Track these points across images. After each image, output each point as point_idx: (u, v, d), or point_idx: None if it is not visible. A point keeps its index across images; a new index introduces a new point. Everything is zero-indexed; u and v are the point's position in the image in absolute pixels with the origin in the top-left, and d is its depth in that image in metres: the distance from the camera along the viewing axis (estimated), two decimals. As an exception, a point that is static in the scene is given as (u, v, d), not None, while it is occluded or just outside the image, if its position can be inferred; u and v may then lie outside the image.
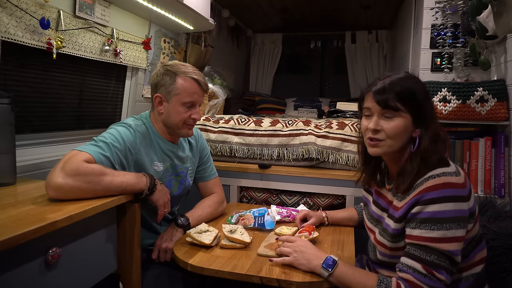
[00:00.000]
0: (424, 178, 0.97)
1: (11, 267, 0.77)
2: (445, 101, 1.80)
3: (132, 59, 1.97)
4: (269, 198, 1.99)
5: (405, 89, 1.02)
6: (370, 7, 3.36)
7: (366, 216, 1.25)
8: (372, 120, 1.05)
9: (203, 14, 2.11)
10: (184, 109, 1.35)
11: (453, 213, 0.92)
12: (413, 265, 0.94)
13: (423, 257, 0.93)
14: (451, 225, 0.92)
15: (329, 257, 1.04)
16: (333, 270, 1.01)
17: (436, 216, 0.92)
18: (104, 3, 1.69)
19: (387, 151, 1.05)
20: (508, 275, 1.19)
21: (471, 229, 0.99)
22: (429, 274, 0.91)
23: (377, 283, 0.96)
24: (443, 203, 0.92)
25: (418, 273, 0.93)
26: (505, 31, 1.51)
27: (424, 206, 0.94)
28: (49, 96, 1.65)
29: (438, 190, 0.93)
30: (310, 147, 1.93)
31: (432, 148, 1.00)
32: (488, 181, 1.75)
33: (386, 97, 1.02)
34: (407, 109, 1.01)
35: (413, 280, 0.93)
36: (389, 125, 1.02)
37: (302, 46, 4.64)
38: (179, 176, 1.48)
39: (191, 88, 1.35)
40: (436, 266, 0.91)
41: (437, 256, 0.92)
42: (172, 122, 1.36)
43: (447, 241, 0.92)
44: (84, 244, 0.98)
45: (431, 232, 0.93)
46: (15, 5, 1.27)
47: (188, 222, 1.39)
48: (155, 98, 1.37)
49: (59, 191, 1.00)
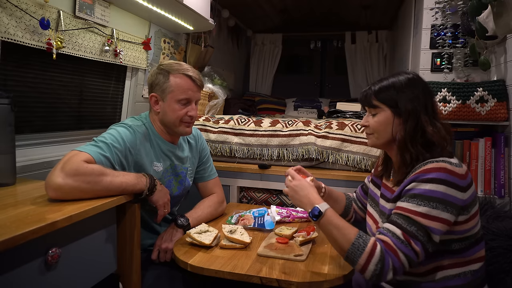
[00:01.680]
0: (423, 162, 1.02)
1: (11, 267, 0.77)
2: (445, 101, 1.80)
3: (132, 59, 1.97)
4: (269, 198, 1.99)
5: (382, 86, 1.13)
6: (370, 7, 3.37)
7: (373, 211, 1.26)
8: (364, 117, 1.20)
9: (203, 14, 2.11)
10: (180, 107, 1.35)
11: (443, 195, 0.96)
12: (393, 230, 0.98)
13: (404, 226, 0.97)
14: (438, 205, 0.96)
15: (316, 207, 1.06)
16: (319, 220, 1.05)
17: (426, 194, 0.97)
18: (104, 3, 1.69)
19: (377, 143, 1.17)
20: (507, 276, 1.19)
21: (465, 223, 1.01)
22: (406, 241, 0.95)
23: (356, 237, 0.99)
24: (436, 184, 0.97)
25: (396, 238, 0.96)
26: (505, 31, 1.51)
27: (418, 183, 0.99)
28: (49, 96, 1.65)
29: (435, 172, 0.98)
30: (310, 147, 1.93)
31: (410, 139, 1.07)
32: (488, 181, 1.75)
33: (367, 99, 1.15)
34: (385, 103, 1.12)
35: (390, 243, 0.96)
36: (373, 120, 1.15)
37: (302, 46, 4.64)
38: (178, 177, 1.48)
39: (185, 84, 1.35)
40: (414, 236, 0.95)
41: (417, 229, 0.96)
42: (169, 121, 1.36)
43: (430, 218, 0.95)
44: (84, 244, 0.98)
45: (417, 206, 0.97)
46: (15, 5, 1.27)
47: (188, 223, 1.39)
48: (151, 98, 1.38)
49: (59, 191, 1.00)
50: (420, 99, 1.09)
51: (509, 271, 1.20)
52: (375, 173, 1.31)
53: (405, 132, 1.08)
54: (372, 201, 1.29)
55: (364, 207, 1.40)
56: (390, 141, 1.13)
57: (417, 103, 1.09)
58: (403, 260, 0.94)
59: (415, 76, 1.14)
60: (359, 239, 0.98)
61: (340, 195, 1.46)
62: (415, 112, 1.08)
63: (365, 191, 1.40)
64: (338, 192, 1.46)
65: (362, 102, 1.20)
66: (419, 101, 1.09)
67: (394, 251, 0.95)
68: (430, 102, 1.11)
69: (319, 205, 1.06)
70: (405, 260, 0.94)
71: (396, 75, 1.14)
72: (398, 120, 1.10)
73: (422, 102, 1.09)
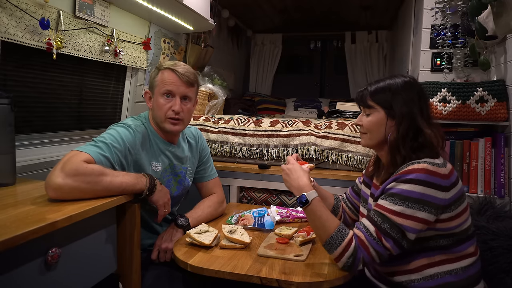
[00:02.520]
0: (407, 164, 1.05)
1: (11, 267, 0.77)
2: (445, 101, 1.80)
3: (132, 59, 1.97)
4: (269, 198, 1.99)
5: (378, 87, 1.15)
6: (370, 8, 3.36)
7: (364, 210, 1.28)
8: (358, 117, 1.22)
9: (203, 14, 2.11)
10: (163, 101, 1.35)
11: (420, 195, 0.99)
12: (368, 226, 1.04)
13: (379, 223, 1.02)
14: (414, 205, 0.99)
15: (303, 195, 1.11)
16: (304, 207, 1.11)
17: (403, 193, 1.01)
18: (104, 3, 1.69)
19: (369, 143, 1.19)
20: (507, 276, 1.19)
21: (449, 220, 1.03)
22: (378, 238, 1.01)
23: (336, 229, 1.05)
24: (414, 185, 1.00)
25: (369, 235, 1.03)
26: (505, 31, 1.51)
27: (397, 183, 1.03)
28: (49, 96, 1.65)
29: (415, 173, 1.01)
30: (310, 147, 1.93)
31: (402, 141, 1.08)
32: (488, 182, 1.75)
33: (363, 99, 1.18)
34: (379, 104, 1.14)
35: (363, 239, 1.03)
36: (366, 120, 1.17)
37: (302, 46, 4.64)
38: (178, 176, 1.48)
39: (167, 77, 1.36)
40: (386, 234, 1.01)
41: (390, 226, 1.01)
42: (157, 116, 1.38)
43: (404, 217, 1.00)
44: (84, 244, 0.98)
45: (393, 205, 1.01)
46: (15, 5, 1.27)
47: (188, 223, 1.39)
48: (145, 95, 1.43)
49: (59, 191, 1.00)
50: (415, 102, 1.11)
51: (509, 271, 1.20)
52: (366, 173, 1.32)
53: (397, 133, 1.10)
54: (363, 201, 1.30)
55: (354, 208, 1.41)
56: (382, 142, 1.15)
57: (413, 106, 1.10)
58: (374, 255, 1.02)
59: (411, 80, 1.15)
60: (338, 234, 1.04)
61: (329, 194, 1.46)
62: (411, 115, 1.09)
63: (356, 192, 1.41)
64: (327, 192, 1.46)
65: (357, 101, 1.22)
66: (414, 104, 1.11)
67: (365, 247, 1.02)
68: (425, 106, 1.13)
69: (307, 193, 1.11)
70: (375, 255, 1.02)
71: (393, 77, 1.16)
72: (391, 122, 1.12)
73: (418, 105, 1.11)
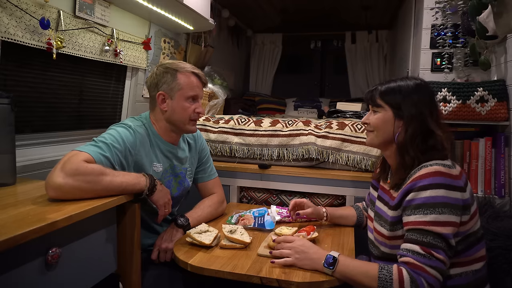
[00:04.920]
0: (418, 168, 1.03)
1: (11, 267, 0.77)
2: (445, 101, 1.80)
3: (132, 59, 1.97)
4: (269, 198, 1.99)
5: (389, 87, 1.15)
6: (370, 7, 3.36)
7: (370, 212, 1.28)
8: (366, 115, 1.22)
9: (203, 14, 2.11)
10: (188, 104, 1.38)
11: (445, 199, 0.97)
12: (412, 248, 0.97)
13: (420, 239, 0.96)
14: (443, 210, 0.96)
15: (329, 255, 1.06)
16: (335, 268, 1.03)
17: (429, 201, 0.97)
18: (104, 3, 1.69)
19: (375, 140, 1.18)
20: (507, 276, 1.19)
21: (467, 222, 1.01)
22: (428, 254, 0.94)
23: (379, 270, 0.98)
24: (435, 189, 0.97)
25: (417, 255, 0.95)
26: (505, 31, 1.51)
27: (417, 192, 0.99)
28: (49, 96, 1.65)
29: (430, 177, 0.99)
30: (310, 147, 1.93)
31: (411, 142, 1.07)
32: (488, 181, 1.75)
33: (372, 96, 1.18)
34: (388, 104, 1.14)
35: (414, 262, 0.94)
36: (374, 117, 1.17)
37: (302, 46, 4.64)
38: (178, 177, 1.48)
39: (193, 81, 1.39)
40: (433, 246, 0.94)
41: (433, 237, 0.95)
42: (178, 119, 1.37)
43: (440, 224, 0.95)
44: (84, 244, 0.98)
45: (425, 216, 0.97)
46: (15, 5, 1.27)
47: (188, 222, 1.39)
48: (158, 96, 1.37)
49: (59, 191, 1.00)
50: (426, 105, 1.10)
51: (509, 271, 1.19)
52: (373, 176, 1.32)
53: (406, 134, 1.09)
54: (371, 204, 1.30)
55: None
56: (388, 141, 1.14)
57: (424, 108, 1.09)
58: (434, 273, 0.93)
59: (423, 83, 1.15)
60: (383, 271, 0.97)
61: (347, 209, 1.48)
62: (421, 117, 1.08)
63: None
64: (345, 207, 1.48)
65: (366, 100, 1.22)
66: (425, 106, 1.10)
67: (421, 268, 0.93)
68: (435, 108, 1.13)
69: (330, 253, 1.06)
70: (435, 272, 0.93)
71: (405, 79, 1.15)
72: (398, 122, 1.12)
73: (429, 107, 1.10)
